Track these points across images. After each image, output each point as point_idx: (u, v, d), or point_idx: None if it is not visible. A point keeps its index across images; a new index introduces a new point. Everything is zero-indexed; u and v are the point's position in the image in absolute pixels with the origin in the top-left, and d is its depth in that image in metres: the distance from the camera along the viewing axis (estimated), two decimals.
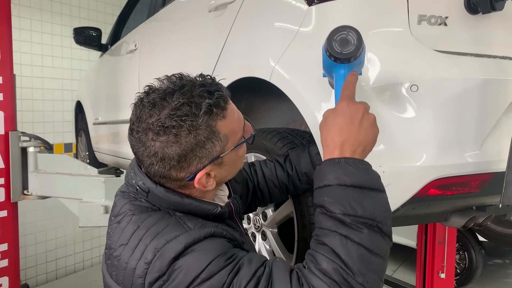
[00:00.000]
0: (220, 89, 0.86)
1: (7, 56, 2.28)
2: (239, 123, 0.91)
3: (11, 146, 2.30)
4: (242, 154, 0.95)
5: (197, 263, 0.74)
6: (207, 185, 0.88)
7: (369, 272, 0.72)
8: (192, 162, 0.84)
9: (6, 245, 2.30)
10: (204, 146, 0.83)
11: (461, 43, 1.15)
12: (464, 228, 1.28)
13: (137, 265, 0.78)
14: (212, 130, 0.83)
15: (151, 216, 0.84)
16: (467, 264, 3.90)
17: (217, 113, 0.83)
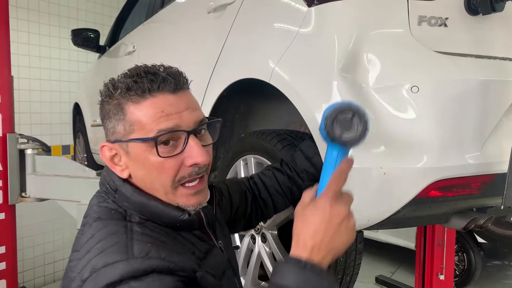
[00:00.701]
0: (155, 78, 0.80)
1: (4, 57, 2.27)
2: (155, 122, 0.80)
3: (9, 148, 2.29)
4: (155, 163, 0.81)
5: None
6: (115, 167, 0.85)
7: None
8: (106, 132, 0.86)
9: (4, 248, 2.28)
10: (110, 120, 0.83)
11: (461, 44, 1.15)
12: (465, 230, 1.28)
13: (75, 278, 0.75)
14: (121, 107, 0.81)
15: (107, 227, 0.80)
16: (466, 265, 3.89)
17: (130, 94, 0.80)
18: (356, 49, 1.10)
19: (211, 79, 1.63)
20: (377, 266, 4.54)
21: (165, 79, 0.81)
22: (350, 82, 1.09)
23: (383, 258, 4.76)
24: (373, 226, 1.17)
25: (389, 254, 4.76)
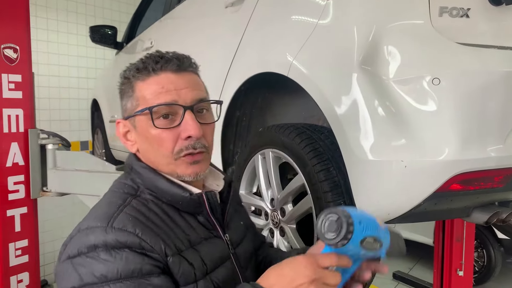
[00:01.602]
0: (160, 59, 0.88)
1: (26, 54, 2.30)
2: (155, 97, 0.86)
3: (31, 143, 2.33)
4: (155, 136, 0.87)
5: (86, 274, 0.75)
6: (126, 141, 0.94)
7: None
8: (121, 110, 0.94)
9: (27, 241, 2.33)
10: (123, 97, 0.92)
11: (483, 35, 1.13)
12: (487, 224, 1.26)
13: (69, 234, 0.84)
14: (131, 85, 0.90)
15: (110, 197, 0.88)
16: (485, 261, 3.84)
17: (139, 73, 0.89)
18: (376, 41, 1.09)
19: (228, 73, 1.63)
20: (394, 262, 4.51)
21: (168, 60, 0.88)
22: (370, 74, 1.09)
23: None
24: (393, 219, 1.16)
25: (407, 250, 4.71)
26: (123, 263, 0.75)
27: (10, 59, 2.23)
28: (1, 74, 2.19)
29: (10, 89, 2.22)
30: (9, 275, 2.26)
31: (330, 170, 1.24)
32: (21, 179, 2.30)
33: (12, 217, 2.26)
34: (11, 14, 2.23)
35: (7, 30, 2.21)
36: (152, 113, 0.85)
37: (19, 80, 2.26)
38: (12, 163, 2.25)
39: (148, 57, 0.89)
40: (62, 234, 3.33)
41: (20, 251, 2.29)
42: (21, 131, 2.29)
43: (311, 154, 1.27)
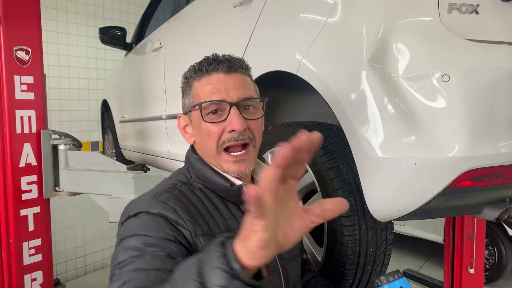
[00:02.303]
0: (213, 61, 1.00)
1: (37, 56, 2.34)
2: (207, 95, 0.99)
3: (43, 143, 2.37)
4: (204, 129, 0.99)
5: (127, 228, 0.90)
6: (184, 134, 1.08)
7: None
8: (182, 107, 1.07)
9: (40, 240, 2.37)
10: (183, 95, 1.06)
11: (493, 32, 1.12)
12: (498, 221, 1.26)
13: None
14: (190, 84, 1.04)
15: (164, 182, 1.03)
16: (496, 259, 3.82)
17: (196, 74, 1.02)
18: (385, 38, 1.09)
19: None
20: (404, 260, 4.50)
21: (220, 62, 0.99)
22: (379, 71, 1.09)
23: (411, 252, 4.71)
24: (404, 216, 1.16)
25: (417, 248, 4.71)
26: (156, 224, 0.87)
27: (23, 61, 2.26)
28: (13, 75, 2.23)
29: (22, 90, 2.26)
30: (23, 274, 2.30)
31: (340, 167, 1.25)
32: (34, 179, 2.34)
33: (25, 216, 2.30)
34: (23, 17, 2.27)
35: (19, 33, 2.25)
36: (201, 108, 0.97)
37: (31, 81, 2.29)
38: (25, 164, 2.29)
39: (204, 60, 1.02)
40: (74, 234, 3.39)
41: (33, 250, 2.33)
42: (33, 132, 2.33)
43: (321, 152, 1.27)
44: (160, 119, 2.47)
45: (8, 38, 2.20)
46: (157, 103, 2.56)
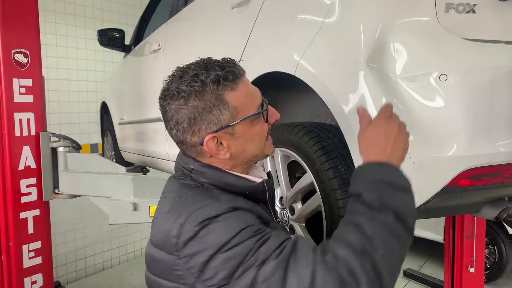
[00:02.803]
0: (233, 65, 0.95)
1: (36, 59, 2.34)
2: (252, 100, 0.97)
3: (42, 146, 2.36)
4: (258, 132, 0.98)
5: (227, 229, 0.81)
6: (219, 152, 0.95)
7: (389, 252, 0.77)
8: (201, 127, 0.93)
9: (40, 243, 2.36)
10: (211, 112, 0.92)
11: (490, 31, 1.13)
12: (497, 220, 1.26)
13: (172, 226, 0.86)
14: (220, 98, 0.92)
15: (191, 190, 0.95)
16: (497, 258, 3.82)
17: (225, 84, 0.92)
18: (383, 39, 1.10)
19: None
20: (405, 259, 4.49)
21: (235, 65, 0.96)
22: (377, 72, 1.09)
23: (411, 251, 4.71)
24: None
25: (417, 247, 4.70)
26: (244, 216, 0.86)
27: (21, 64, 2.26)
28: (12, 78, 2.23)
29: (21, 93, 2.26)
30: (23, 277, 2.29)
31: (338, 167, 1.25)
32: (33, 181, 2.34)
33: (25, 219, 2.30)
34: (21, 20, 2.27)
35: (17, 36, 2.25)
36: (267, 113, 0.98)
37: (29, 84, 2.29)
38: (24, 166, 2.29)
39: (223, 67, 0.93)
40: (74, 236, 3.39)
41: (33, 252, 2.33)
42: (32, 135, 2.33)
43: (320, 152, 1.27)
44: (158, 120, 2.47)
45: (6, 41, 2.20)
46: (155, 104, 2.55)
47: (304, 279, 0.74)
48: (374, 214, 0.80)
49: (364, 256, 0.74)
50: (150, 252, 0.95)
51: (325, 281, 0.73)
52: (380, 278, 0.73)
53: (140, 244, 4.97)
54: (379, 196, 0.82)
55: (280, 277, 0.76)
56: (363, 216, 0.80)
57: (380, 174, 0.85)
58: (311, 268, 0.75)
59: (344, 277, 0.73)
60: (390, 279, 0.76)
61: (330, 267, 0.74)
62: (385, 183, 0.84)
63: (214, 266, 0.80)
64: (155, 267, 0.93)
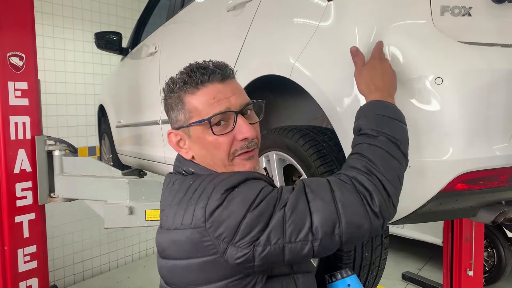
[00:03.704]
0: (205, 71, 0.96)
1: (32, 62, 2.33)
2: (209, 108, 0.95)
3: (38, 150, 2.35)
4: (212, 142, 0.97)
5: (250, 191, 0.88)
6: (179, 149, 1.03)
7: (390, 169, 0.91)
8: (171, 121, 1.03)
9: (35, 247, 2.35)
10: (172, 111, 1.01)
11: (486, 34, 1.12)
12: (494, 224, 1.25)
13: (198, 200, 0.90)
14: (180, 99, 0.98)
15: (203, 174, 0.98)
16: (495, 261, 3.81)
17: (186, 87, 0.97)
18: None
19: None
20: (403, 263, 4.48)
21: (213, 71, 0.96)
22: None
23: (410, 254, 4.70)
24: (399, 220, 1.16)
25: (416, 250, 4.70)
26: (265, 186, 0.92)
27: (16, 67, 2.26)
28: (7, 82, 2.22)
29: (16, 96, 2.25)
30: (18, 281, 2.28)
31: (334, 171, 1.24)
32: (28, 185, 2.33)
33: (20, 223, 2.29)
34: (17, 23, 2.26)
35: (12, 39, 2.25)
36: (211, 123, 0.95)
37: (25, 87, 2.29)
38: (20, 170, 2.29)
39: (192, 70, 0.97)
40: (72, 240, 3.39)
41: (28, 257, 2.32)
42: (28, 138, 2.32)
43: (315, 156, 1.26)
44: (155, 123, 2.47)
45: (1, 44, 2.19)
46: (152, 107, 2.55)
47: (325, 195, 0.87)
48: (372, 141, 0.93)
49: (369, 174, 0.89)
50: (168, 238, 0.95)
51: (343, 194, 0.87)
52: (384, 186, 0.88)
53: (138, 247, 4.95)
54: (376, 126, 0.95)
55: (304, 203, 0.86)
56: (363, 144, 0.94)
57: (378, 109, 0.98)
58: (328, 186, 0.88)
59: (358, 188, 0.87)
60: (393, 187, 0.90)
61: (344, 182, 0.89)
62: (382, 115, 0.96)
63: (247, 224, 0.84)
64: (177, 250, 0.93)
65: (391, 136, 0.93)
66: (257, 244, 0.84)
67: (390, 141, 0.93)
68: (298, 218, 0.85)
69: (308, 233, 0.85)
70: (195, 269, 0.90)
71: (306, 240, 0.85)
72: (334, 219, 0.85)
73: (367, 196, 0.87)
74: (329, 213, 0.85)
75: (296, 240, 0.85)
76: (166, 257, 0.97)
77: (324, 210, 0.85)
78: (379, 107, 0.98)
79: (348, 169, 0.92)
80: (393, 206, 0.90)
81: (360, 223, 0.86)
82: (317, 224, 0.85)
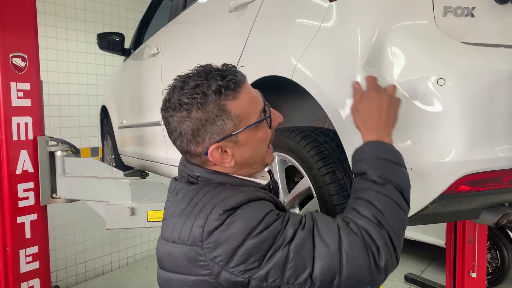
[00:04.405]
0: (234, 74, 0.94)
1: (34, 63, 2.34)
2: (254, 107, 0.96)
3: (40, 150, 2.36)
4: (262, 137, 0.98)
5: (253, 215, 0.85)
6: (223, 161, 0.96)
7: (397, 221, 0.90)
8: (205, 137, 0.93)
9: (37, 247, 2.36)
10: (214, 123, 0.92)
11: (489, 34, 1.12)
12: (497, 226, 1.24)
13: (196, 217, 0.87)
14: (222, 108, 0.92)
15: (207, 186, 0.95)
16: (499, 263, 3.80)
17: (226, 94, 0.91)
18: (380, 43, 1.08)
19: None
20: (406, 264, 4.47)
21: (236, 72, 0.95)
22: (374, 76, 1.07)
23: (412, 256, 4.68)
24: None
25: (419, 252, 4.68)
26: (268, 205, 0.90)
27: (19, 68, 2.26)
28: (9, 82, 2.23)
29: (19, 97, 2.26)
30: (20, 282, 2.29)
31: (336, 173, 1.23)
32: (30, 186, 2.34)
33: (22, 224, 2.30)
34: (19, 24, 2.26)
35: (15, 39, 2.25)
36: (270, 119, 0.98)
37: (27, 88, 2.29)
38: (22, 171, 2.29)
39: (224, 76, 0.92)
40: (74, 240, 3.39)
41: (30, 257, 2.32)
42: (30, 139, 2.33)
43: (317, 157, 1.26)
44: (158, 124, 2.46)
45: (4, 44, 2.20)
46: (154, 108, 2.55)
47: (333, 244, 0.84)
48: (380, 189, 0.91)
49: (380, 226, 0.87)
50: (165, 249, 0.94)
51: (350, 244, 0.84)
52: (391, 240, 0.87)
53: (140, 248, 4.96)
54: (381, 172, 0.93)
55: (309, 248, 0.84)
56: (371, 191, 0.92)
57: (379, 152, 0.96)
58: (337, 234, 0.86)
59: (367, 241, 0.85)
60: (398, 241, 0.89)
61: (354, 233, 0.86)
62: (384, 160, 0.95)
63: (244, 251, 0.82)
64: (172, 263, 0.92)
65: (396, 185, 0.92)
66: (254, 277, 0.83)
67: (396, 190, 0.92)
68: (300, 262, 0.83)
69: (307, 279, 0.83)
70: (189, 285, 0.89)
71: (304, 285, 0.83)
72: (336, 270, 0.83)
73: (375, 251, 0.85)
74: (332, 263, 0.83)
75: (294, 282, 0.83)
76: (162, 267, 0.96)
77: (327, 259, 0.83)
78: (380, 150, 0.97)
79: (357, 217, 0.89)
80: (397, 260, 0.88)
81: (361, 278, 0.84)
82: (317, 273, 0.83)
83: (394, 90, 1.03)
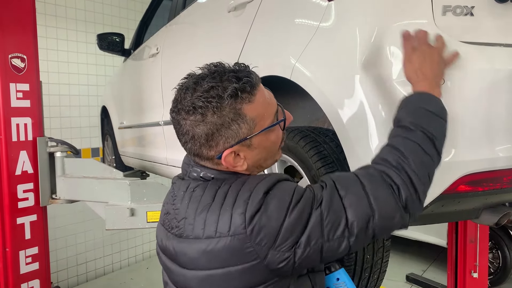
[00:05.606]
0: (249, 75, 0.91)
1: (33, 63, 2.33)
2: (269, 109, 0.94)
3: (39, 151, 2.36)
4: (275, 140, 0.97)
5: (286, 192, 0.88)
6: (236, 164, 0.94)
7: (421, 165, 0.89)
8: (219, 141, 0.91)
9: (37, 248, 2.35)
10: (230, 127, 0.90)
11: (489, 33, 1.11)
12: (497, 226, 1.24)
13: (234, 206, 0.87)
14: (238, 112, 0.89)
15: (229, 179, 0.94)
16: (500, 263, 3.78)
17: (242, 97, 0.89)
18: (379, 42, 1.08)
19: None
20: (407, 264, 4.46)
21: (250, 72, 0.93)
22: (373, 75, 1.07)
23: (414, 255, 4.67)
24: None
25: (420, 252, 4.67)
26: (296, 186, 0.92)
27: (18, 69, 2.26)
28: (9, 83, 2.23)
29: (18, 98, 2.25)
30: (20, 283, 2.29)
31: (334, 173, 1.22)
32: (30, 187, 2.33)
33: (22, 224, 2.29)
34: (18, 24, 2.26)
35: (14, 40, 2.25)
36: (285, 121, 0.98)
37: (27, 89, 2.29)
38: (21, 171, 2.29)
39: (240, 78, 0.90)
40: (75, 241, 3.39)
41: (30, 258, 2.32)
42: (29, 140, 2.32)
43: (316, 158, 1.25)
44: (157, 125, 2.46)
45: (3, 45, 2.20)
46: (154, 109, 2.55)
47: (357, 190, 0.87)
48: (408, 135, 0.92)
49: (399, 169, 0.88)
50: (197, 247, 0.91)
51: (373, 186, 0.87)
52: (412, 183, 0.87)
53: (141, 249, 4.95)
54: (415, 119, 0.93)
55: (337, 200, 0.86)
56: (398, 138, 0.93)
57: (421, 102, 0.96)
58: (358, 181, 0.88)
59: (387, 180, 0.88)
60: (422, 185, 0.89)
61: (373, 176, 0.89)
62: (424, 109, 0.94)
63: (287, 228, 0.84)
64: (211, 260, 0.89)
65: (428, 132, 0.92)
66: (298, 246, 0.84)
67: (426, 137, 0.92)
68: (334, 216, 0.85)
69: (344, 229, 0.85)
70: (234, 277, 0.87)
71: (342, 237, 0.85)
72: (368, 213, 0.85)
73: (395, 190, 0.87)
74: (363, 207, 0.86)
75: (333, 237, 0.85)
76: (195, 268, 0.92)
77: (357, 205, 0.86)
78: (423, 100, 0.96)
79: (379, 162, 0.92)
80: (419, 201, 0.89)
81: (393, 214, 0.87)
82: (352, 220, 0.85)
83: (444, 46, 1.04)
